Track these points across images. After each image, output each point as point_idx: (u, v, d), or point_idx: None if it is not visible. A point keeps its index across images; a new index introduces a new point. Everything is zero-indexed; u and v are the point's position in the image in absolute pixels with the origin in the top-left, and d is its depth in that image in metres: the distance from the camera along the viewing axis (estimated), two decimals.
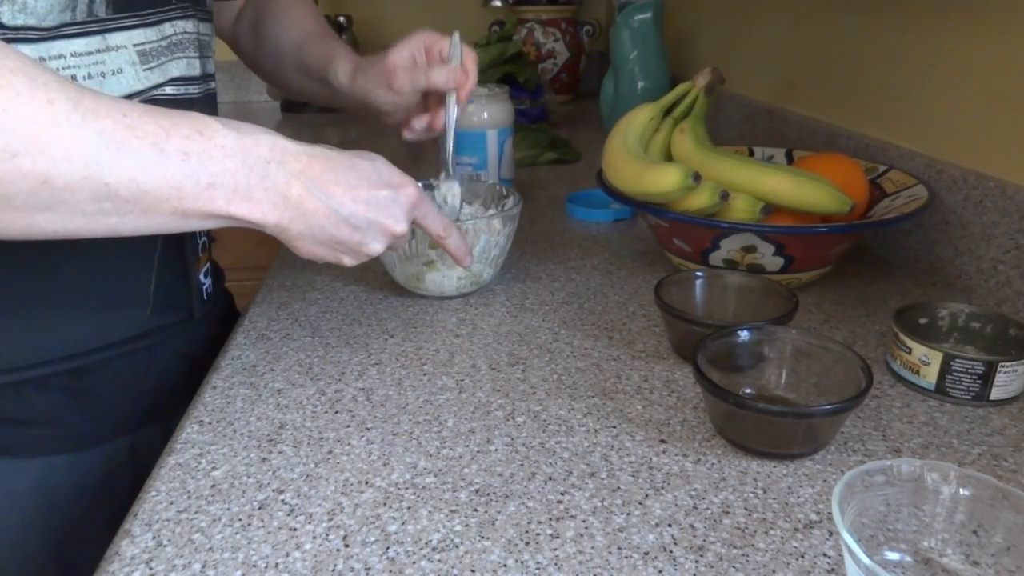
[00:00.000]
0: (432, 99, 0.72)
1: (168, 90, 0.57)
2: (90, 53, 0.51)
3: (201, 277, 0.66)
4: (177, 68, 0.57)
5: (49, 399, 0.56)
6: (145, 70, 0.54)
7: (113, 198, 0.41)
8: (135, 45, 0.53)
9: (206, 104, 0.61)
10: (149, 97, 0.55)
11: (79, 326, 0.57)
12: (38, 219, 0.40)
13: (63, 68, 0.49)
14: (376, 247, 0.53)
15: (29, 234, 0.42)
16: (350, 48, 0.75)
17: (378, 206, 0.52)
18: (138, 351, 0.61)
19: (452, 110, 0.69)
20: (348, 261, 0.54)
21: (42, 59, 0.48)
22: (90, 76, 0.51)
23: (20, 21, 0.46)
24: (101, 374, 0.59)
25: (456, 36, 0.69)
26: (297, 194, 0.48)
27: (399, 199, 0.53)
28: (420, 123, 0.72)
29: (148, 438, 0.63)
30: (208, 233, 0.68)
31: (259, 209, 0.47)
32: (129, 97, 0.53)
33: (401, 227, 0.54)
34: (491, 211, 0.77)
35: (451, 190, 0.73)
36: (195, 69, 0.59)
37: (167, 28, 0.56)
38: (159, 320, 0.62)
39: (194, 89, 0.59)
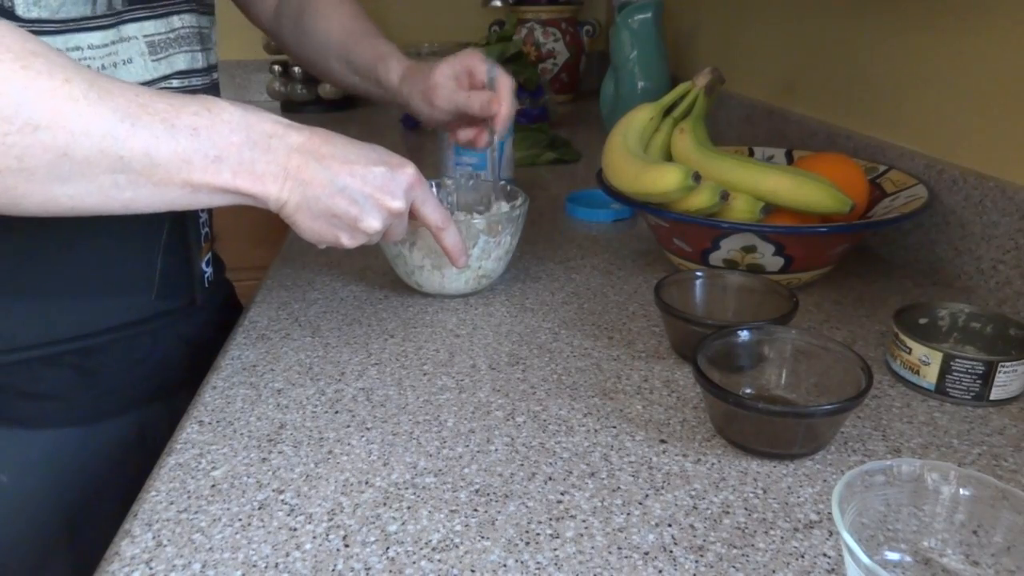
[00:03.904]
0: (476, 117, 0.74)
1: (174, 83, 0.58)
2: (105, 45, 0.52)
3: (203, 265, 0.68)
4: (183, 61, 0.59)
5: (58, 375, 0.58)
6: (153, 61, 0.56)
7: (127, 171, 0.43)
8: (145, 36, 0.55)
9: (209, 94, 0.62)
10: (156, 88, 0.56)
11: (87, 308, 0.59)
12: (57, 192, 0.42)
13: (80, 60, 0.51)
14: (373, 223, 0.53)
15: (48, 209, 0.43)
16: (398, 48, 0.78)
17: (374, 181, 0.53)
18: (142, 334, 0.63)
19: (495, 137, 0.74)
20: (346, 240, 0.54)
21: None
22: (103, 67, 0.53)
23: (35, 14, 0.48)
24: (107, 354, 0.61)
25: (494, 66, 0.73)
26: (296, 165, 0.49)
27: (396, 177, 0.54)
28: (465, 136, 0.76)
29: (154, 416, 0.65)
30: (210, 224, 0.70)
31: (261, 182, 0.48)
32: None
33: (397, 204, 0.54)
34: (495, 210, 0.77)
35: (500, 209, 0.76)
36: (198, 62, 0.61)
37: (175, 21, 0.58)
38: (162, 305, 0.64)
39: (197, 81, 0.61)
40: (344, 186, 0.51)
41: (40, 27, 0.48)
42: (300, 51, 0.82)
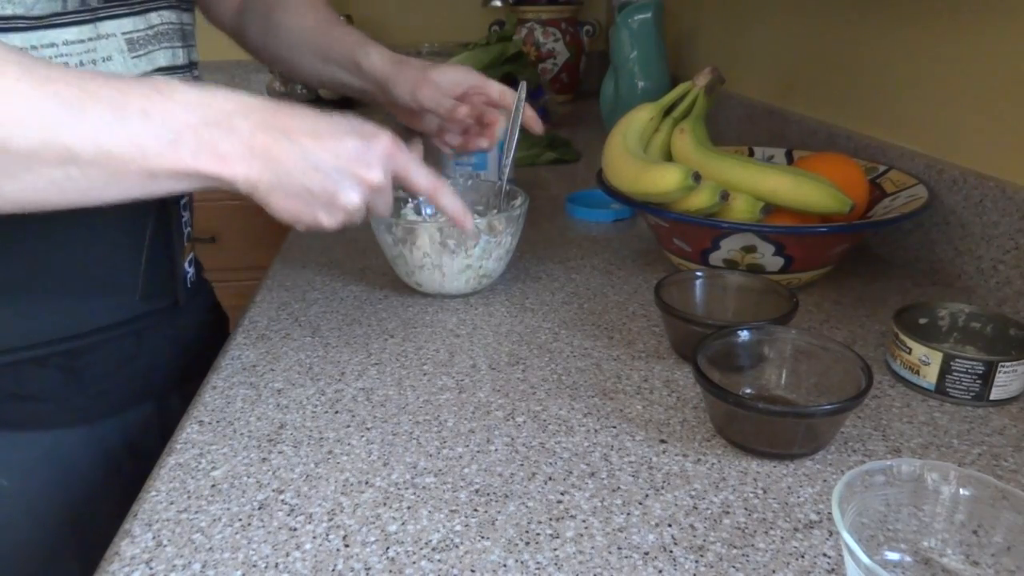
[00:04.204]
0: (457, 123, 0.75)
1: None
2: (82, 41, 0.52)
3: (186, 266, 0.68)
4: (163, 58, 0.59)
5: (48, 376, 0.58)
6: (133, 58, 0.56)
7: (78, 162, 0.41)
8: (124, 33, 0.55)
9: None
10: None
11: (72, 309, 0.59)
12: (5, 188, 0.41)
13: (56, 56, 0.50)
14: (351, 197, 0.50)
15: (2, 207, 0.42)
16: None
17: (348, 154, 0.50)
18: (127, 335, 0.63)
19: (514, 143, 0.74)
20: (325, 218, 0.51)
21: (34, 48, 0.49)
22: (82, 64, 0.52)
23: (9, 11, 0.48)
24: (94, 355, 0.61)
25: (522, 90, 0.74)
26: (262, 143, 0.47)
27: (372, 148, 0.51)
28: (454, 140, 0.76)
29: (145, 418, 0.65)
30: (192, 225, 0.70)
31: (226, 163, 0.46)
32: None
33: (375, 175, 0.51)
34: (494, 211, 0.77)
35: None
36: (179, 58, 0.61)
37: (154, 17, 0.58)
38: (146, 306, 0.64)
39: (179, 78, 0.60)
40: (317, 162, 0.48)
41: (14, 24, 0.48)
42: (268, 47, 0.80)
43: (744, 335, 0.53)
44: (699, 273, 0.64)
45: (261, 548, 0.41)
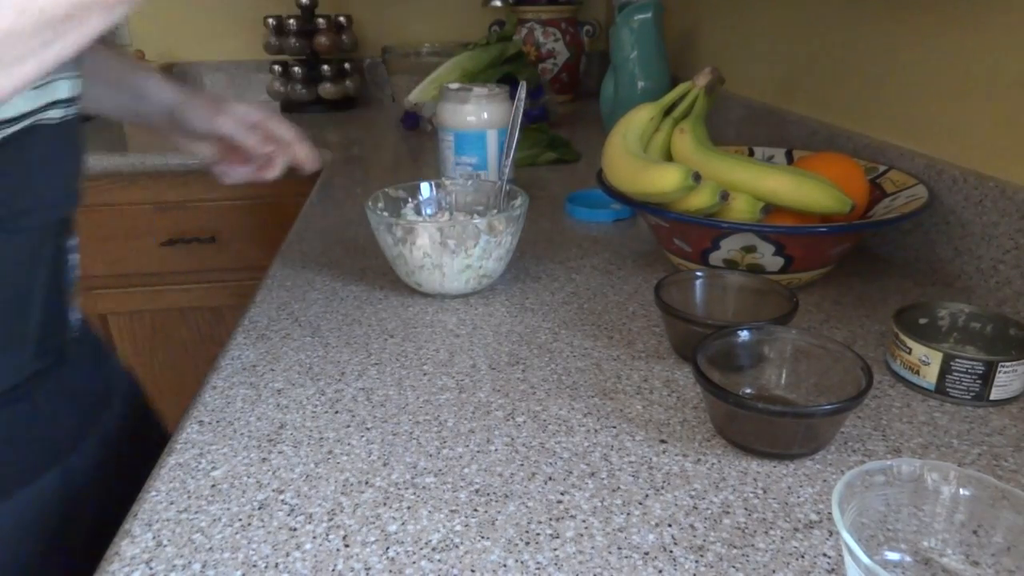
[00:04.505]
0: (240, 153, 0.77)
1: (51, 113, 0.53)
2: None
3: (73, 313, 0.63)
4: (63, 89, 0.54)
5: None
6: (34, 89, 0.51)
7: (51, 24, 0.38)
8: None
9: (78, 124, 0.58)
10: (37, 120, 0.51)
11: None
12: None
13: None
14: None
15: None
16: None
17: None
18: (22, 398, 0.57)
19: (515, 134, 0.75)
20: None
21: None
22: None
23: None
24: None
25: (521, 89, 0.76)
26: None
27: None
28: (240, 168, 0.78)
29: (50, 484, 0.59)
30: (78, 265, 0.65)
31: None
32: (19, 119, 0.49)
33: None
34: (494, 211, 0.77)
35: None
36: (77, 89, 0.56)
37: None
38: (38, 363, 0.58)
39: (72, 111, 0.56)
40: None
41: None
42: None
43: (744, 335, 0.53)
44: (699, 273, 0.64)
45: (261, 548, 0.41)
